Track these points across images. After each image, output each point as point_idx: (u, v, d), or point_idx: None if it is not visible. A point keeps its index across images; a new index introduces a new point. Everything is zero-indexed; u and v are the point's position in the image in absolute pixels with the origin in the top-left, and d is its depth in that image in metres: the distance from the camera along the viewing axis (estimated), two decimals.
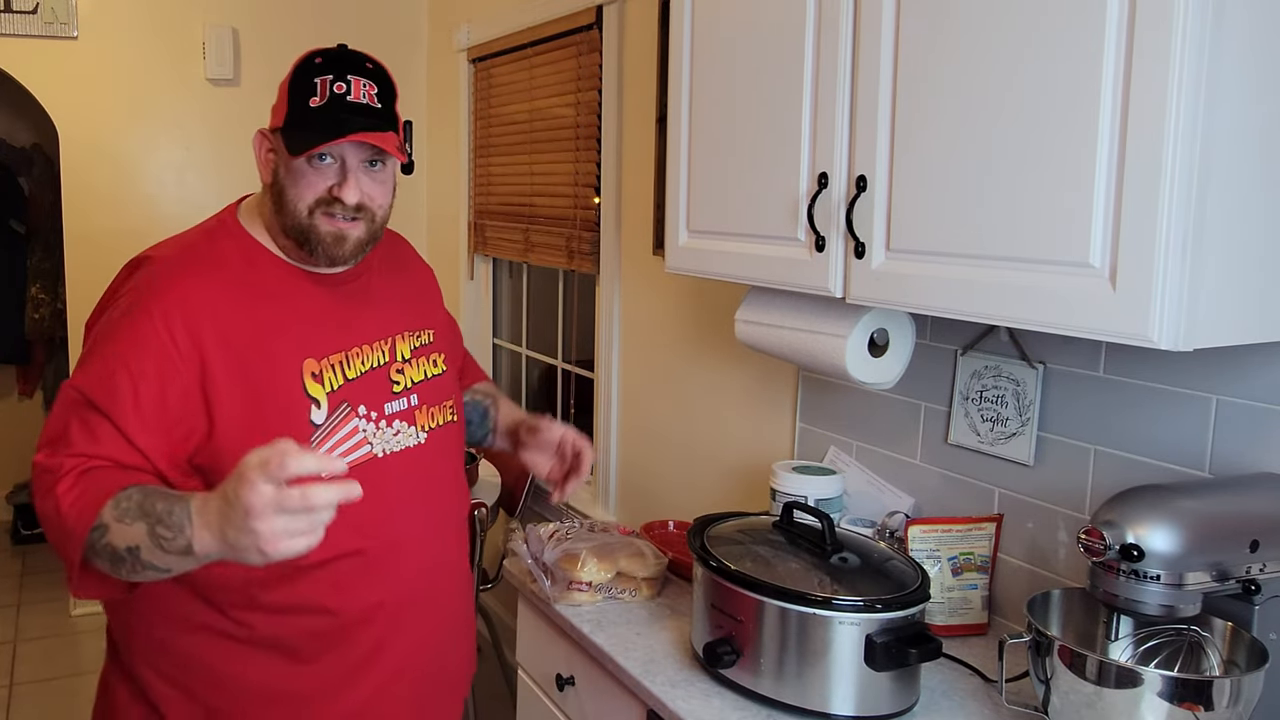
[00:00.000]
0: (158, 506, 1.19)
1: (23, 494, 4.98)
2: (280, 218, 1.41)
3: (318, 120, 1.35)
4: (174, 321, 1.33)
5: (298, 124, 1.37)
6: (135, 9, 3.78)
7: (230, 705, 1.42)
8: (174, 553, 1.17)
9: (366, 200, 1.39)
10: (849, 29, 1.50)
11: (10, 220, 4.86)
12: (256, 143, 1.46)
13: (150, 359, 1.31)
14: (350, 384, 1.42)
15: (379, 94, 1.39)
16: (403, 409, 1.47)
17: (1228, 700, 1.19)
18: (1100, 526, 1.25)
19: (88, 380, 1.32)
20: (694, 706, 1.46)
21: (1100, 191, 1.18)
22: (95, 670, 3.85)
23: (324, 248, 1.39)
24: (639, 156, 2.69)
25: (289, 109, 1.39)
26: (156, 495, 1.22)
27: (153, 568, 1.20)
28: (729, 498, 2.41)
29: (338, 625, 1.41)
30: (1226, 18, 1.11)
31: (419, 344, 1.54)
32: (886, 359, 1.73)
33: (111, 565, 1.22)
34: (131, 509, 1.20)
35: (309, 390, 1.38)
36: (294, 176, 1.38)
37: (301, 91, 1.38)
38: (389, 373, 1.47)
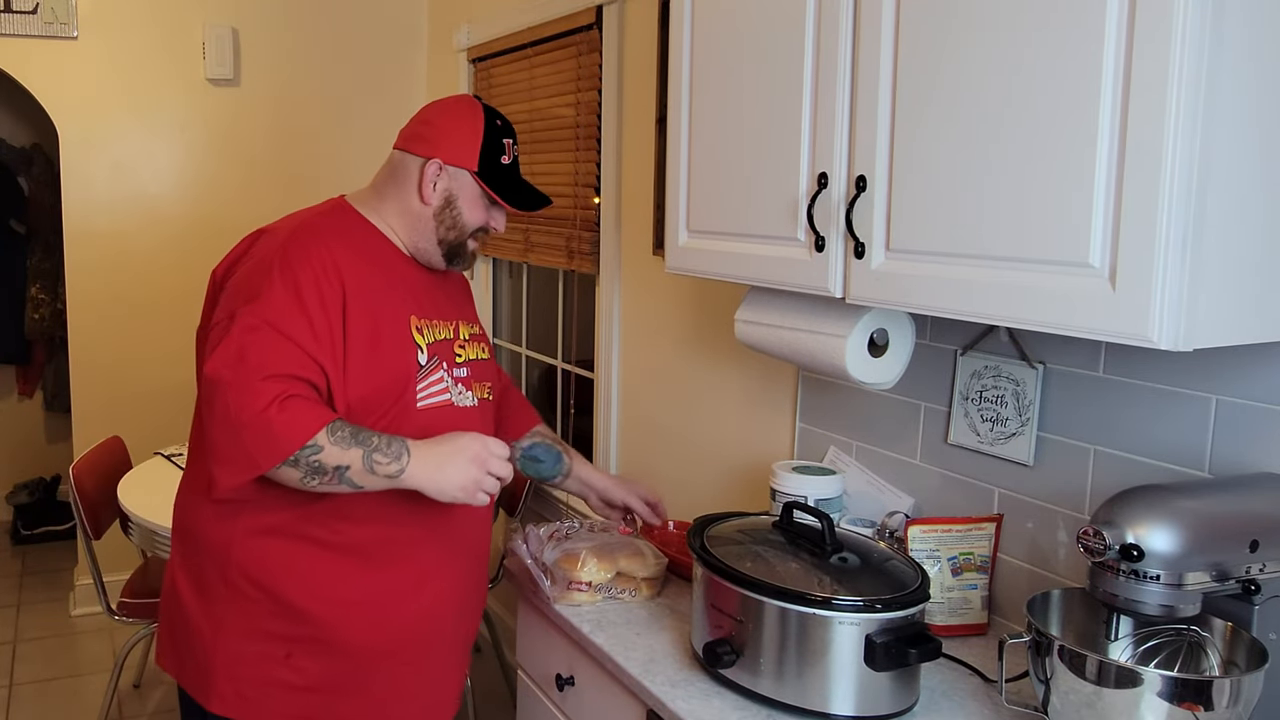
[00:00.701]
0: (374, 438, 1.52)
1: (23, 494, 4.98)
2: (440, 229, 1.72)
3: (509, 179, 1.74)
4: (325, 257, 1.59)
5: (496, 175, 1.72)
6: (135, 9, 3.78)
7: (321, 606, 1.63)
8: (382, 475, 1.52)
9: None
10: (849, 29, 1.50)
11: (10, 220, 4.86)
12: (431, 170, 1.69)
13: (313, 289, 1.56)
14: (438, 343, 1.71)
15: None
16: (464, 376, 1.74)
17: (1227, 700, 1.19)
18: (1100, 526, 1.25)
19: (263, 307, 1.54)
20: (694, 706, 1.46)
21: (1100, 191, 1.18)
22: (95, 670, 3.88)
23: (465, 261, 1.76)
24: (639, 156, 2.69)
25: (482, 158, 1.71)
26: (367, 432, 1.53)
27: (349, 484, 1.52)
28: (729, 498, 2.41)
29: (409, 538, 1.67)
30: (1226, 18, 1.11)
31: (473, 332, 1.82)
32: (886, 359, 1.73)
33: (306, 476, 1.50)
34: (346, 436, 1.51)
35: (415, 338, 1.66)
36: (473, 206, 1.71)
37: (493, 147, 1.72)
38: (454, 346, 1.74)
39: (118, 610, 2.94)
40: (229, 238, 1.69)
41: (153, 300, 3.92)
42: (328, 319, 1.56)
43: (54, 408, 5.03)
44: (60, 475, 5.02)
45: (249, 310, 1.54)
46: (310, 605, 1.63)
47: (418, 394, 1.64)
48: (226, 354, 1.52)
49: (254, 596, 1.63)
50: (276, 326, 1.52)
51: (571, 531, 1.92)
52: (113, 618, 2.95)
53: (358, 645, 1.66)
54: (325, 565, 1.64)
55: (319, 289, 1.56)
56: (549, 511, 3.23)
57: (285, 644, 1.64)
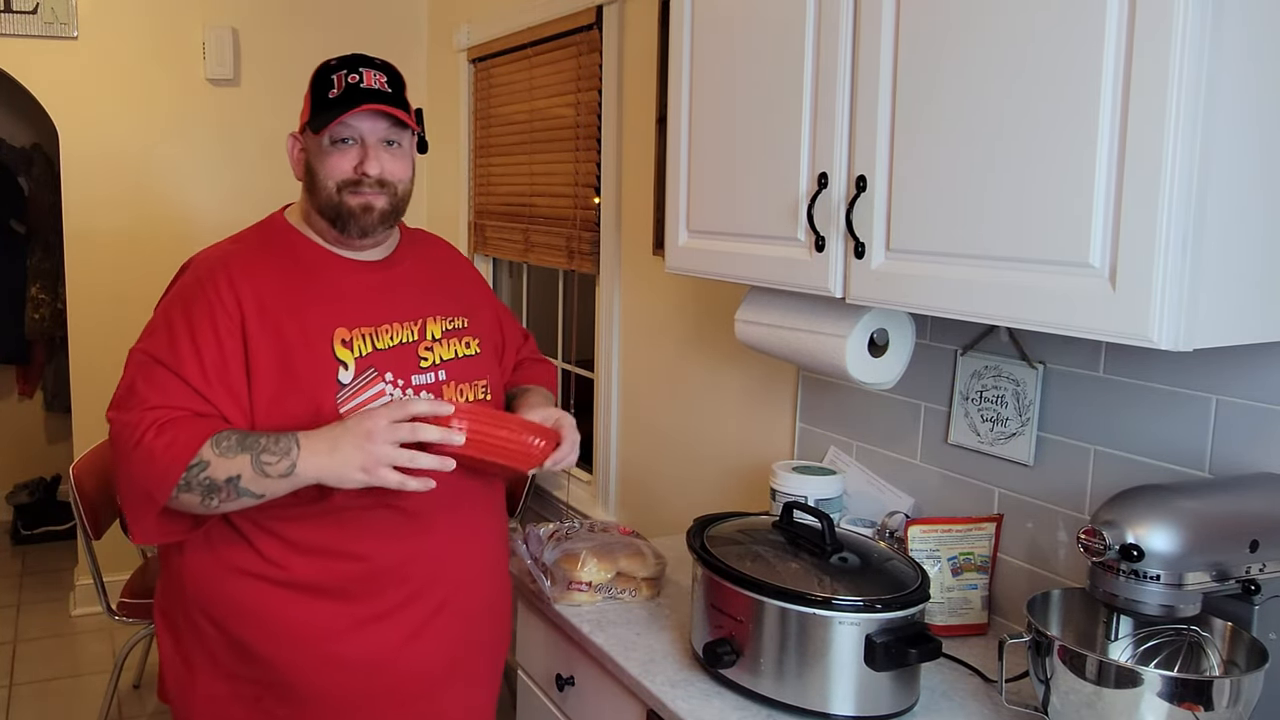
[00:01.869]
0: (261, 439, 1.42)
1: (22, 494, 4.98)
2: (314, 199, 1.58)
3: (336, 105, 1.54)
4: (221, 286, 1.51)
5: (319, 112, 1.56)
6: (135, 9, 3.78)
7: (269, 645, 1.54)
8: (275, 476, 1.41)
9: (388, 174, 1.57)
10: (849, 29, 1.50)
11: (10, 220, 4.86)
12: (289, 145, 1.64)
13: (206, 320, 1.49)
14: (380, 353, 1.57)
15: (389, 81, 1.58)
16: (429, 383, 1.60)
17: (1227, 700, 1.19)
18: (1100, 526, 1.25)
19: (153, 343, 1.51)
20: (694, 706, 1.46)
21: (1100, 191, 1.18)
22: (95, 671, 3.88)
23: (354, 219, 1.56)
24: (639, 156, 2.69)
25: (311, 104, 1.58)
26: (255, 432, 1.44)
27: (248, 494, 1.42)
28: (729, 498, 2.41)
29: (371, 570, 1.55)
30: (1226, 18, 1.11)
31: (450, 327, 1.67)
32: (886, 359, 1.73)
33: (204, 497, 1.42)
34: (232, 444, 1.42)
35: (338, 354, 1.53)
36: (322, 160, 1.56)
37: (321, 88, 1.57)
38: (417, 350, 1.61)
39: (118, 610, 2.94)
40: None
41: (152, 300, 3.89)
42: (222, 353, 1.48)
43: (54, 408, 5.03)
44: (60, 475, 5.02)
45: (140, 347, 1.52)
46: (263, 646, 1.54)
47: (342, 416, 1.50)
48: (117, 395, 1.50)
49: (212, 635, 1.56)
50: (165, 363, 1.47)
51: (571, 531, 1.92)
52: (113, 618, 2.95)
53: (320, 690, 1.55)
54: (274, 602, 1.53)
55: (214, 322, 1.49)
56: (549, 511, 3.23)
57: (253, 686, 1.56)
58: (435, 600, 1.60)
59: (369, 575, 1.55)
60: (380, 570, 1.55)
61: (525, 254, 3.33)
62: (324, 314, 1.55)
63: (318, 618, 1.54)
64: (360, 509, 1.53)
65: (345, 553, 1.54)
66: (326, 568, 1.53)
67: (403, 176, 1.60)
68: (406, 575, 1.57)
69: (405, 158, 1.60)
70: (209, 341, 1.48)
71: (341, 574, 1.54)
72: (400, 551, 1.57)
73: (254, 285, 1.53)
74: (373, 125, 1.55)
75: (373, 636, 1.56)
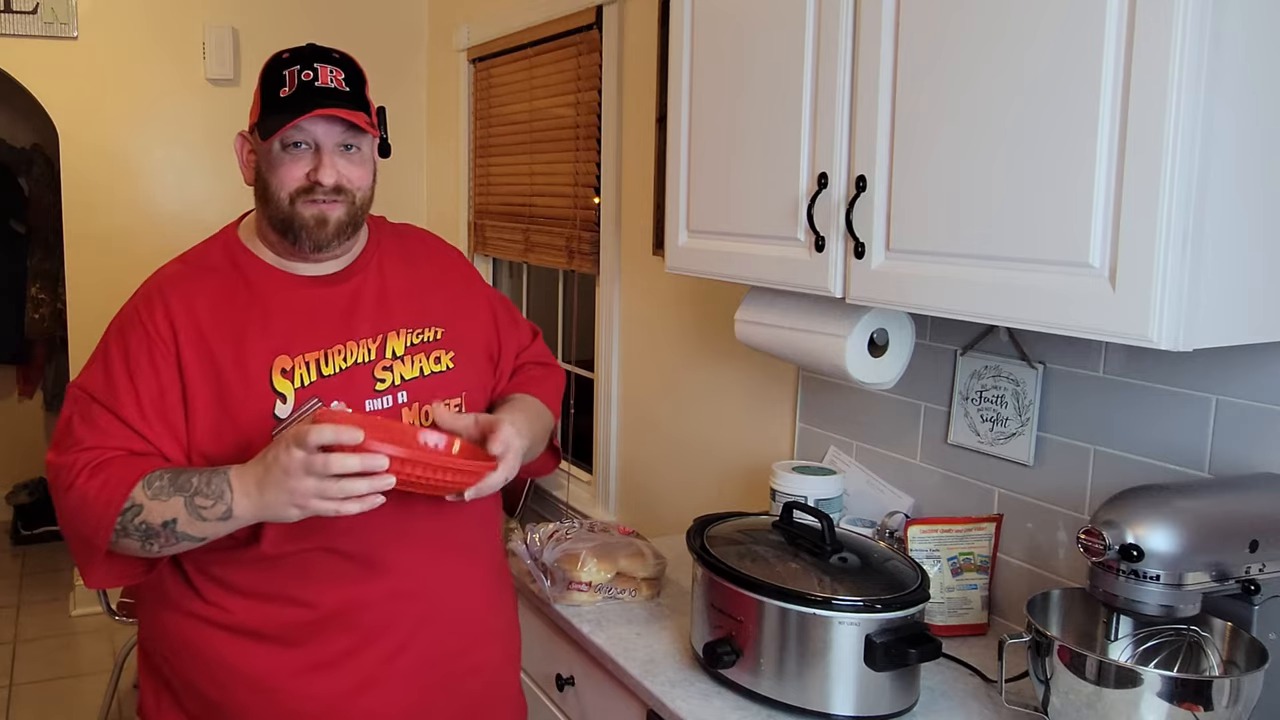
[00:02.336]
0: (193, 480, 1.32)
1: (22, 494, 4.98)
2: (266, 210, 1.46)
3: (288, 107, 1.40)
4: (157, 315, 1.43)
5: (269, 114, 1.42)
6: (135, 9, 3.78)
7: (218, 691, 1.46)
8: (213, 519, 1.31)
9: (344, 181, 1.43)
10: (849, 29, 1.50)
11: (10, 220, 4.86)
12: (238, 146, 1.50)
13: (143, 352, 1.41)
14: (325, 380, 1.44)
15: (346, 79, 1.43)
16: (386, 407, 1.47)
17: (1227, 700, 1.19)
18: (1100, 526, 1.25)
19: (90, 379, 1.43)
20: (694, 706, 1.46)
21: (1100, 191, 1.18)
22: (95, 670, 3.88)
23: (307, 232, 1.43)
24: (639, 156, 2.69)
25: (261, 104, 1.44)
26: (187, 471, 1.34)
27: (187, 538, 1.33)
28: (729, 498, 2.41)
29: (316, 616, 1.43)
30: (1226, 18, 1.11)
31: (418, 340, 1.52)
32: (886, 359, 1.73)
33: (143, 542, 1.33)
34: (165, 486, 1.32)
35: (276, 386, 1.42)
36: (273, 166, 1.43)
37: (272, 85, 1.43)
38: (373, 370, 1.47)
39: (118, 610, 2.94)
40: None
41: None
42: (160, 386, 1.39)
43: (54, 408, 5.03)
44: None
45: (78, 383, 1.43)
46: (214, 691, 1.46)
47: None
48: (55, 435, 1.42)
49: (173, 676, 1.49)
50: (100, 400, 1.39)
51: (571, 531, 1.92)
52: (113, 618, 2.95)
53: None
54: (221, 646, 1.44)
55: (150, 354, 1.40)
56: (549, 511, 3.23)
57: None
58: (389, 646, 1.46)
59: (314, 622, 1.44)
60: (325, 617, 1.44)
61: (525, 254, 3.33)
62: (264, 342, 1.43)
63: (264, 664, 1.44)
64: (296, 554, 1.42)
65: (287, 598, 1.43)
66: (268, 613, 1.43)
67: (361, 184, 1.46)
68: (353, 622, 1.44)
69: (364, 163, 1.47)
70: (145, 375, 1.40)
71: (284, 620, 1.43)
72: (345, 597, 1.44)
73: (190, 313, 1.43)
74: (328, 129, 1.41)
75: (321, 684, 1.45)
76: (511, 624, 1.68)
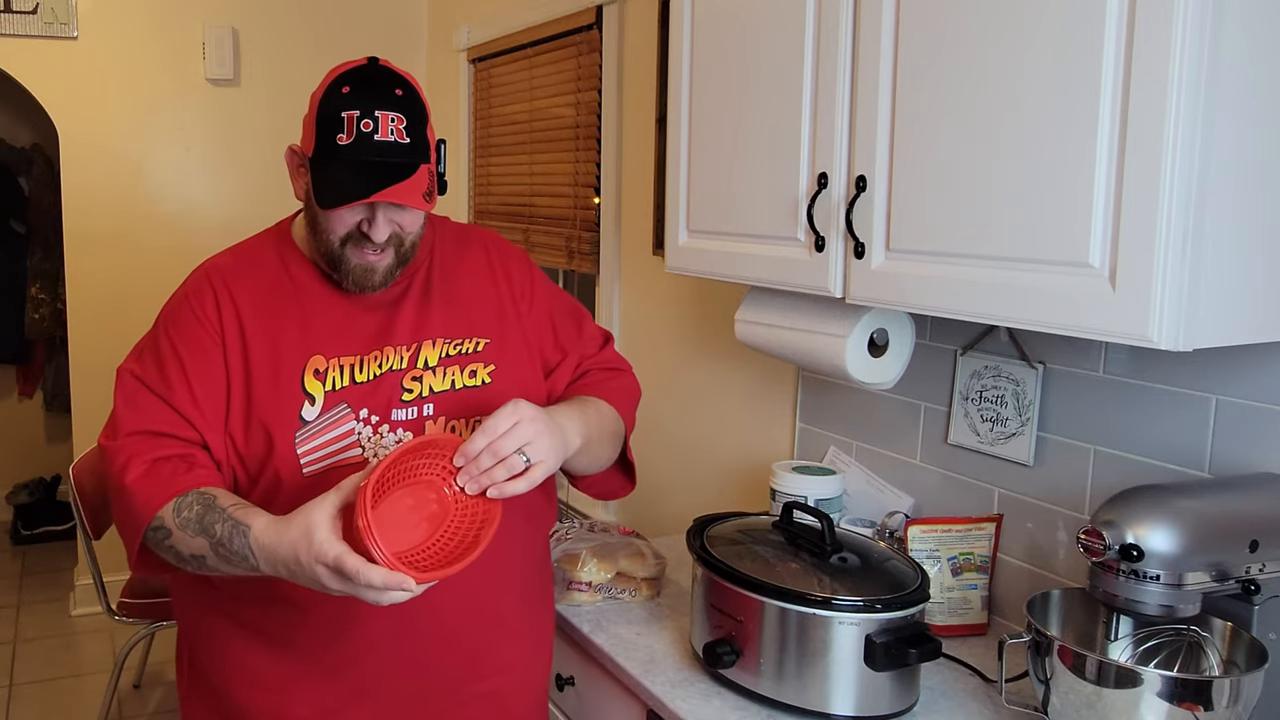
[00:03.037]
0: (217, 530, 1.26)
1: (22, 494, 4.98)
2: (315, 240, 1.42)
3: (346, 163, 1.31)
4: (206, 304, 1.42)
5: (326, 162, 1.33)
6: (135, 9, 3.78)
7: (224, 682, 1.46)
8: (242, 569, 1.26)
9: (396, 229, 1.38)
10: (849, 29, 1.50)
11: (10, 220, 4.86)
12: (289, 159, 1.44)
13: (194, 339, 1.41)
14: (358, 387, 1.41)
15: (408, 126, 1.33)
16: (409, 419, 1.42)
17: (1227, 700, 1.19)
18: (1100, 526, 1.25)
19: (141, 365, 1.43)
20: (694, 706, 1.46)
21: (1100, 191, 1.18)
22: (95, 670, 3.88)
23: (354, 278, 1.39)
24: (639, 156, 2.69)
25: (316, 142, 1.34)
26: (214, 514, 1.27)
27: (219, 571, 1.29)
28: (729, 498, 2.41)
29: (311, 623, 1.41)
30: (1226, 18, 1.11)
31: (454, 352, 1.46)
32: (886, 359, 1.73)
33: (177, 560, 1.32)
34: (192, 521, 1.28)
35: (307, 387, 1.39)
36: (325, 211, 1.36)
37: (329, 125, 1.32)
38: (403, 379, 1.43)
39: (118, 610, 2.94)
40: (229, 238, 1.66)
41: (153, 300, 3.88)
42: (210, 372, 1.39)
43: (54, 408, 5.03)
44: (60, 475, 5.02)
45: (128, 369, 1.43)
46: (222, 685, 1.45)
47: (300, 456, 1.37)
48: (109, 419, 1.41)
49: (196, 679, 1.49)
50: (151, 386, 1.39)
51: (571, 531, 1.92)
52: (113, 618, 2.95)
53: None
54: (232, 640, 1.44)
55: (200, 339, 1.40)
56: None
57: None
58: (381, 662, 1.42)
59: (309, 628, 1.41)
60: (319, 622, 1.40)
61: None
62: (301, 341, 1.41)
63: (263, 662, 1.43)
64: None
65: (281, 599, 1.39)
66: (268, 612, 1.42)
67: (413, 229, 1.40)
68: (343, 632, 1.41)
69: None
70: (197, 362, 1.39)
71: (281, 622, 1.41)
72: (339, 606, 1.37)
73: (234, 305, 1.42)
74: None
75: (317, 692, 1.42)
76: (537, 649, 1.59)
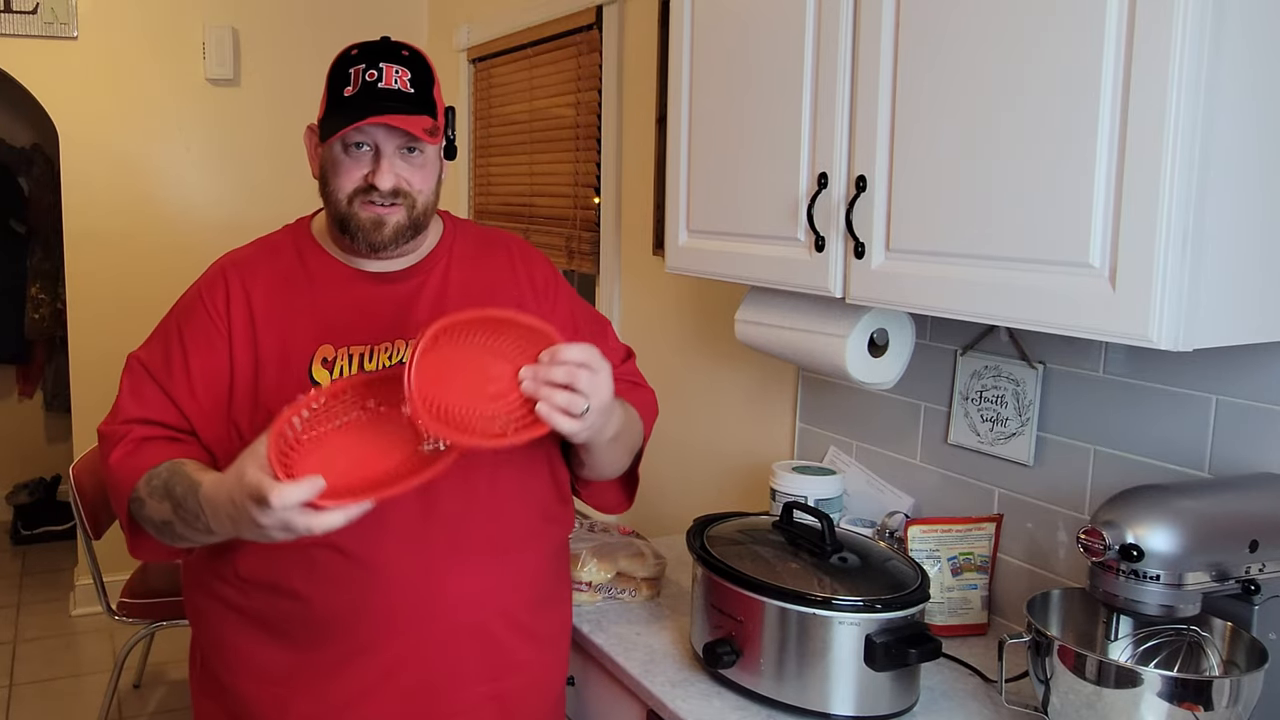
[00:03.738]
0: (176, 491, 1.30)
1: (22, 494, 4.98)
2: (326, 206, 1.45)
3: (349, 107, 1.37)
4: (217, 296, 1.45)
5: (332, 113, 1.40)
6: (135, 9, 3.78)
7: (229, 675, 1.46)
8: (199, 530, 1.28)
9: (403, 185, 1.40)
10: (849, 29, 1.50)
11: (10, 220, 4.86)
12: (306, 139, 1.50)
13: (201, 331, 1.43)
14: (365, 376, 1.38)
15: (413, 79, 1.40)
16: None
17: (1227, 700, 1.19)
18: (1100, 526, 1.25)
19: (148, 352, 1.47)
20: (694, 706, 1.46)
21: (1100, 191, 1.18)
22: (95, 670, 3.88)
23: (363, 234, 1.41)
24: (639, 156, 2.69)
25: (326, 100, 1.42)
26: (177, 477, 1.31)
27: (187, 539, 1.33)
28: (729, 498, 2.41)
29: (313, 615, 1.39)
30: (1226, 18, 1.11)
31: None
32: (886, 359, 1.73)
33: (156, 533, 1.36)
34: (158, 488, 1.32)
35: (313, 375, 1.40)
36: (333, 165, 1.41)
37: (337, 82, 1.40)
38: None
39: (118, 610, 2.94)
40: (229, 238, 1.67)
41: (153, 300, 3.89)
42: (213, 364, 1.41)
43: (54, 408, 5.03)
44: (60, 475, 5.02)
45: (135, 355, 1.47)
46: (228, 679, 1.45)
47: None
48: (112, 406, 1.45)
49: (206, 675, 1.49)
50: (154, 375, 1.43)
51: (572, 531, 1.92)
52: (113, 618, 2.95)
53: None
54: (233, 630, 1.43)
55: (207, 331, 1.42)
56: None
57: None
58: (386, 660, 1.39)
59: (311, 621, 1.39)
60: (322, 618, 1.38)
61: None
62: (312, 329, 1.42)
63: (267, 656, 1.42)
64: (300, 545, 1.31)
65: (285, 590, 1.39)
66: (271, 603, 1.40)
67: (422, 187, 1.42)
68: (349, 628, 1.38)
69: (426, 165, 1.43)
70: (201, 353, 1.41)
71: (284, 613, 1.40)
72: (342, 600, 1.37)
73: (247, 295, 1.44)
74: (388, 132, 1.38)
75: (320, 689, 1.40)
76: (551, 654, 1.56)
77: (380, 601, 1.37)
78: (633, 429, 1.52)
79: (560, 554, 1.59)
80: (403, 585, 1.38)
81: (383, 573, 1.37)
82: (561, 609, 1.60)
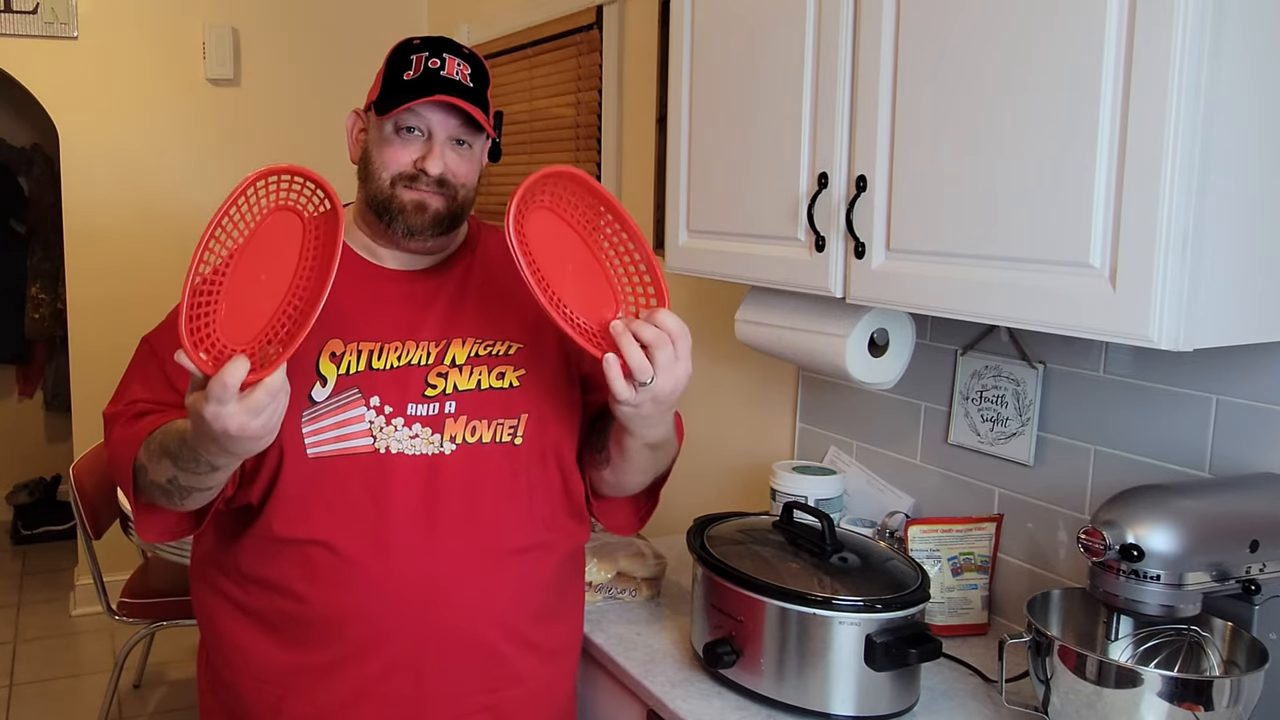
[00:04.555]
0: (171, 445, 1.28)
1: (22, 494, 4.98)
2: (365, 188, 1.43)
3: (410, 89, 1.37)
4: None
5: (391, 93, 1.38)
6: (135, 9, 3.78)
7: (230, 672, 1.45)
8: (203, 472, 1.25)
9: (450, 175, 1.40)
10: (849, 28, 1.50)
11: (10, 220, 4.86)
12: (349, 123, 1.48)
13: None
14: (373, 374, 1.39)
15: (472, 75, 1.41)
16: (430, 414, 1.39)
17: (1227, 700, 1.19)
18: (1100, 526, 1.25)
19: (159, 334, 1.45)
20: (694, 706, 1.46)
21: (1100, 191, 1.18)
22: (95, 670, 3.88)
23: (404, 216, 1.39)
24: (639, 156, 2.69)
25: (383, 83, 1.40)
26: (169, 433, 1.30)
27: (196, 490, 1.29)
28: (729, 498, 2.41)
29: (310, 616, 1.37)
30: (1227, 18, 1.11)
31: (484, 352, 1.44)
32: (886, 359, 1.73)
33: (164, 497, 1.32)
34: (155, 449, 1.30)
35: (320, 368, 1.38)
36: (381, 146, 1.40)
37: (396, 67, 1.40)
38: (427, 375, 1.40)
39: (118, 610, 2.94)
40: None
41: (153, 300, 3.89)
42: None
43: (54, 408, 5.03)
44: (60, 475, 5.02)
45: (147, 336, 1.46)
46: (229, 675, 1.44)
47: (304, 436, 1.35)
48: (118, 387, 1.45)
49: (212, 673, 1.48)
50: (159, 354, 1.41)
51: None
52: (113, 618, 2.95)
53: None
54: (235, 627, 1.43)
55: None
56: None
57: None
58: (380, 664, 1.38)
59: (309, 622, 1.38)
60: (319, 619, 1.37)
61: None
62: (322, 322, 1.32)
63: (265, 655, 1.41)
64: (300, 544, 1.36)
65: (284, 589, 1.38)
66: (270, 602, 1.39)
67: (467, 180, 1.42)
68: (345, 631, 1.37)
69: (473, 161, 1.43)
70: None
71: (282, 613, 1.39)
72: (339, 602, 1.36)
73: None
74: (444, 120, 1.38)
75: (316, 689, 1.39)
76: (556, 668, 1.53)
77: (377, 606, 1.36)
78: (669, 447, 1.49)
79: (570, 567, 1.54)
80: (400, 591, 1.36)
81: (381, 577, 1.36)
82: (569, 621, 1.56)
